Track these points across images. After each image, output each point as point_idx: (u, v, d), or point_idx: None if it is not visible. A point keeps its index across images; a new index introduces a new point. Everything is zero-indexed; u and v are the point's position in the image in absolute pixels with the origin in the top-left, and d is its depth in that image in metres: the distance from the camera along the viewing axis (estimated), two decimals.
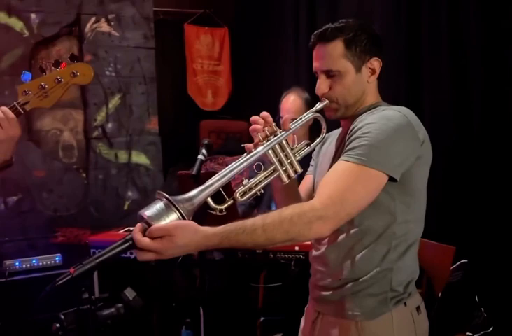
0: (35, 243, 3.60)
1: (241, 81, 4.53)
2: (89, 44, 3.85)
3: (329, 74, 1.46)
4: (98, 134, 3.92)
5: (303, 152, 1.48)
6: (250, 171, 3.26)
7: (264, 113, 1.43)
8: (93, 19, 3.85)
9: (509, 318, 2.15)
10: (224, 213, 1.29)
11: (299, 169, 1.42)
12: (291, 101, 2.66)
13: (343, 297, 1.45)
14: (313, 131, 2.43)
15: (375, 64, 1.48)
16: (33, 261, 3.13)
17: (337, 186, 1.31)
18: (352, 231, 1.42)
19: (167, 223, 1.17)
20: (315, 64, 1.49)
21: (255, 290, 2.49)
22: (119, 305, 1.78)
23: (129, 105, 3.98)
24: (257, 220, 1.24)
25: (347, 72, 1.45)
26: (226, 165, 4.57)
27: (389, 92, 1.58)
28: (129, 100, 3.98)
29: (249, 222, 1.23)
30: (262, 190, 1.38)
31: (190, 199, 1.22)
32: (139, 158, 4.07)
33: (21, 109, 1.66)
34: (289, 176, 1.40)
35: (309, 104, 2.64)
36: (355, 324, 1.43)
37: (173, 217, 1.17)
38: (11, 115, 1.61)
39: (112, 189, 3.97)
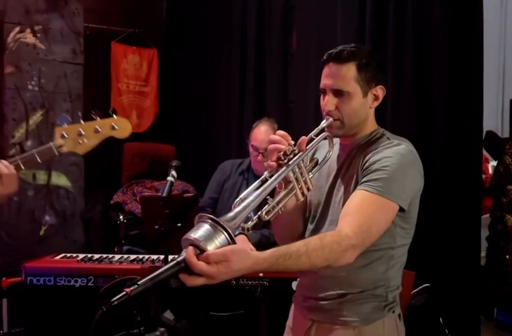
0: None
1: (168, 104, 4.44)
2: (11, 54, 3.58)
3: (338, 93, 1.52)
4: (16, 152, 3.61)
5: (314, 170, 1.53)
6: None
7: (282, 132, 1.47)
8: (17, 28, 3.60)
9: None
10: (251, 231, 1.33)
11: (311, 187, 1.47)
12: (263, 131, 2.70)
13: (342, 306, 1.53)
14: None
15: (380, 91, 1.57)
16: None
17: (364, 215, 1.40)
18: None
19: (223, 248, 1.15)
20: (326, 81, 1.54)
21: (216, 318, 2.38)
22: (162, 329, 1.66)
23: (52, 122, 3.73)
24: (300, 246, 1.28)
25: (355, 95, 1.52)
26: (156, 189, 4.33)
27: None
28: (52, 117, 3.73)
29: (293, 248, 1.27)
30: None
31: (232, 219, 1.23)
32: (59, 180, 3.79)
33: (56, 151, 1.67)
34: (303, 194, 1.45)
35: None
36: (353, 329, 1.52)
37: (221, 238, 1.17)
38: (13, 171, 1.61)
39: (27, 212, 3.66)
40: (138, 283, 1.10)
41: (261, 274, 2.34)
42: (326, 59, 1.55)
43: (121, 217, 3.66)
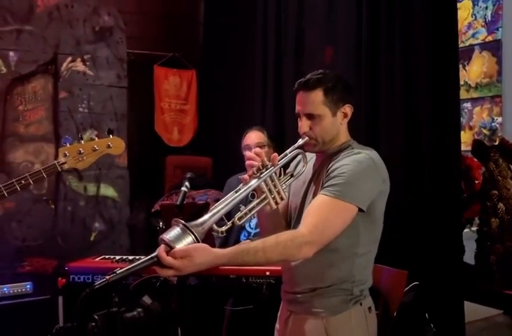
0: (2, 272, 3.66)
1: (206, 120, 4.79)
2: (64, 82, 4.04)
3: (310, 116, 1.75)
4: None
5: (288, 182, 1.75)
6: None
7: (257, 150, 1.72)
8: (69, 58, 4.06)
9: (454, 331, 2.45)
10: (225, 234, 1.56)
11: (285, 197, 1.70)
12: (253, 137, 2.90)
13: (312, 299, 1.76)
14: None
15: (348, 109, 1.79)
16: (5, 289, 3.19)
17: (319, 216, 1.61)
18: (321, 250, 1.66)
19: (187, 246, 1.41)
20: (298, 108, 1.78)
21: (228, 312, 2.68)
22: (140, 309, 1.98)
23: None
24: (258, 243, 1.52)
25: (325, 116, 1.74)
26: (193, 199, 4.68)
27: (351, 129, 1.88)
28: (100, 135, 4.15)
29: (252, 245, 1.51)
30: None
31: (201, 224, 1.47)
32: (107, 191, 4.22)
33: (59, 167, 1.91)
34: (276, 203, 1.67)
35: (269, 136, 2.91)
36: (321, 319, 1.73)
37: (188, 239, 1.41)
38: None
39: (79, 220, 4.09)
40: (117, 272, 1.40)
41: (267, 273, 2.60)
42: (296, 88, 1.77)
43: (160, 223, 4.03)
